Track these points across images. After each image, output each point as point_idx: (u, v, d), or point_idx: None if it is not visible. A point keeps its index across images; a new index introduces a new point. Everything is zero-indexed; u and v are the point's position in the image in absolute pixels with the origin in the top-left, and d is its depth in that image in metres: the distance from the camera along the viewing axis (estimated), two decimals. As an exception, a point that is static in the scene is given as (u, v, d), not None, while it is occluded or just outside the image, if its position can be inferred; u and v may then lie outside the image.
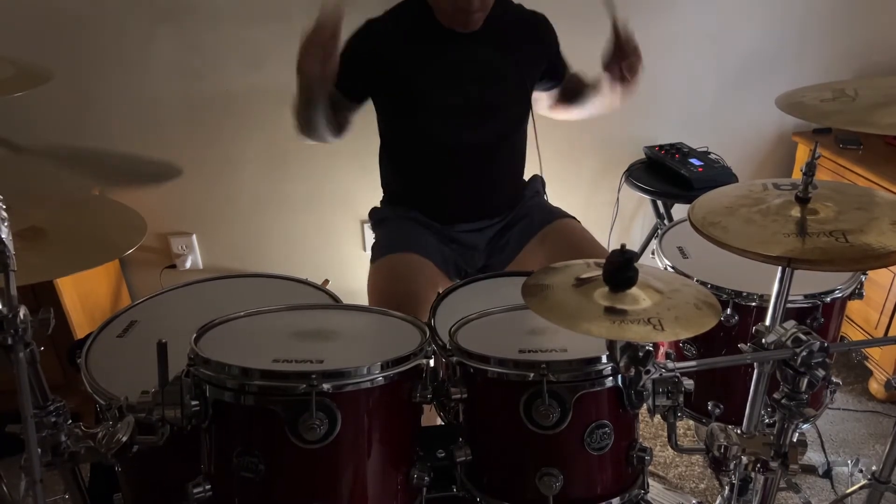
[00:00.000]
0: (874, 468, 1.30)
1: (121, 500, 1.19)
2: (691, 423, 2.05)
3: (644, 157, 2.35)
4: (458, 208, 1.71)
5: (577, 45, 1.74)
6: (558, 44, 1.73)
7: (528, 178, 1.84)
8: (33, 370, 0.92)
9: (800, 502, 1.83)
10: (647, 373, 0.91)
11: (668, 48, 2.28)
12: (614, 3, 1.53)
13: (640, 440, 1.05)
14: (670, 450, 1.89)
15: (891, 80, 1.16)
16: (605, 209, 2.45)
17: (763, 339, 0.97)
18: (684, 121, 2.39)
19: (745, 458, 1.01)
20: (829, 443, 2.06)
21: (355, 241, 2.41)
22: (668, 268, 1.48)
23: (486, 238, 1.73)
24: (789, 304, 1.18)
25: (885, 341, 1.91)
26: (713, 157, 2.22)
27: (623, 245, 0.93)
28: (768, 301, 1.09)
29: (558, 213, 1.73)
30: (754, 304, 1.37)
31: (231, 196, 2.28)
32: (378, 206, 1.82)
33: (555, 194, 1.93)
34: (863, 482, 1.32)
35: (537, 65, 1.69)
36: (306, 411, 0.88)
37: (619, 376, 0.99)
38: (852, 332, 2.23)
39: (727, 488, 1.19)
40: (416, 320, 1.11)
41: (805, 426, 1.62)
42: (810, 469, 1.80)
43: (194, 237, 2.34)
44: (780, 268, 1.05)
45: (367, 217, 1.85)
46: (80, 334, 1.95)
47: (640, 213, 2.53)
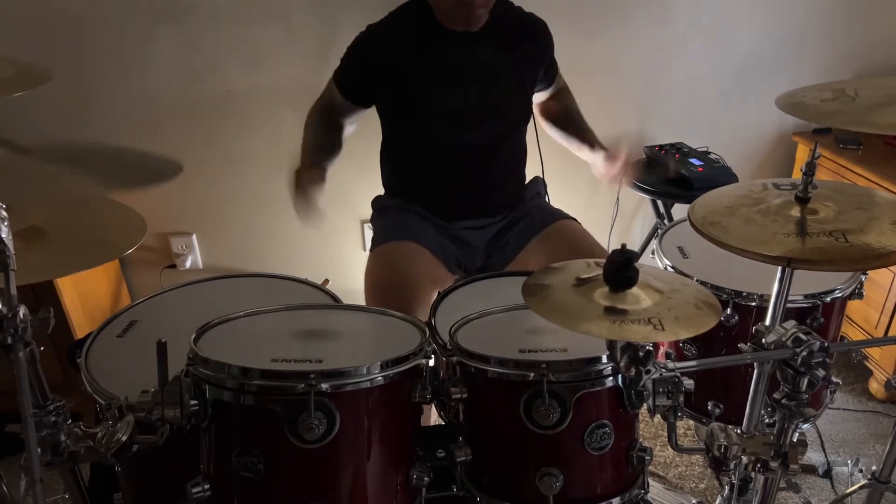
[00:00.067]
0: (874, 468, 1.30)
1: (121, 500, 1.19)
2: (691, 423, 2.05)
3: (644, 157, 2.34)
4: (459, 208, 1.71)
5: (578, 44, 1.74)
6: (553, 48, 1.74)
7: (529, 179, 1.84)
8: (33, 370, 0.92)
9: (800, 502, 1.82)
10: (648, 373, 0.91)
11: (668, 48, 2.28)
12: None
13: (641, 440, 1.05)
14: (670, 450, 1.89)
15: (891, 80, 1.16)
16: (605, 209, 2.45)
17: (763, 339, 0.97)
18: (684, 121, 2.39)
19: (745, 458, 1.01)
20: (829, 443, 2.06)
21: (355, 241, 2.41)
22: (668, 268, 1.48)
23: (486, 237, 1.73)
24: (789, 304, 1.18)
25: (885, 341, 1.90)
26: (713, 157, 2.22)
27: (623, 245, 0.93)
28: (768, 301, 1.09)
29: (559, 215, 1.73)
30: (754, 304, 1.37)
31: (231, 196, 2.28)
32: (381, 195, 1.83)
33: (555, 194, 1.93)
34: (863, 482, 1.32)
35: (536, 66, 1.70)
36: (305, 411, 0.88)
37: (620, 376, 0.99)
38: (852, 332, 2.23)
39: (727, 488, 1.19)
40: (415, 320, 1.11)
41: (805, 426, 1.62)
42: (810, 469, 1.80)
43: (194, 237, 2.34)
44: (780, 268, 1.05)
45: (366, 217, 1.85)
46: (80, 334, 1.95)
47: (640, 213, 2.53)
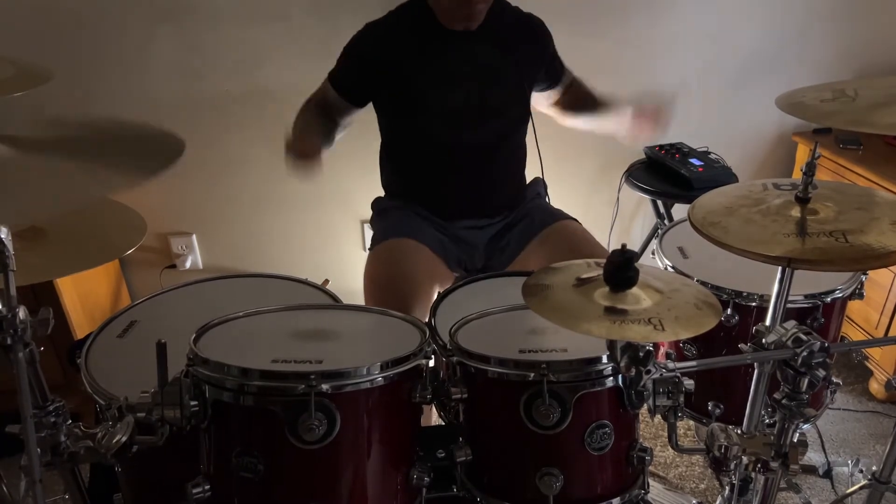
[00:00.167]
0: (874, 468, 1.30)
1: (120, 500, 1.19)
2: (691, 423, 2.05)
3: (644, 157, 2.35)
4: (459, 208, 1.71)
5: (578, 45, 1.74)
6: (553, 45, 1.73)
7: (529, 180, 1.84)
8: (33, 370, 0.92)
9: (800, 502, 1.82)
10: (648, 373, 0.91)
11: (668, 48, 2.28)
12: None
13: (641, 440, 1.05)
14: (670, 450, 1.89)
15: (891, 80, 1.16)
16: (605, 209, 2.45)
17: (763, 339, 0.97)
18: (684, 121, 2.39)
19: (745, 459, 1.01)
20: (829, 443, 2.06)
21: (355, 241, 2.41)
22: (669, 268, 1.48)
23: (486, 236, 1.73)
24: (789, 304, 1.18)
25: (886, 341, 1.91)
26: (713, 157, 2.22)
27: (623, 245, 0.93)
28: (768, 301, 1.09)
29: (559, 215, 1.73)
30: (754, 304, 1.37)
31: (231, 196, 2.28)
32: (381, 196, 1.82)
33: (555, 194, 1.93)
34: (863, 482, 1.32)
35: (535, 66, 1.70)
36: (305, 412, 0.88)
37: (620, 376, 0.98)
38: (852, 332, 2.23)
39: (727, 488, 1.19)
40: (416, 320, 1.11)
41: (805, 426, 1.62)
42: (810, 469, 1.80)
43: (194, 237, 2.34)
44: (780, 268, 1.05)
45: (366, 217, 1.85)
46: (79, 334, 1.95)
47: (640, 213, 2.53)
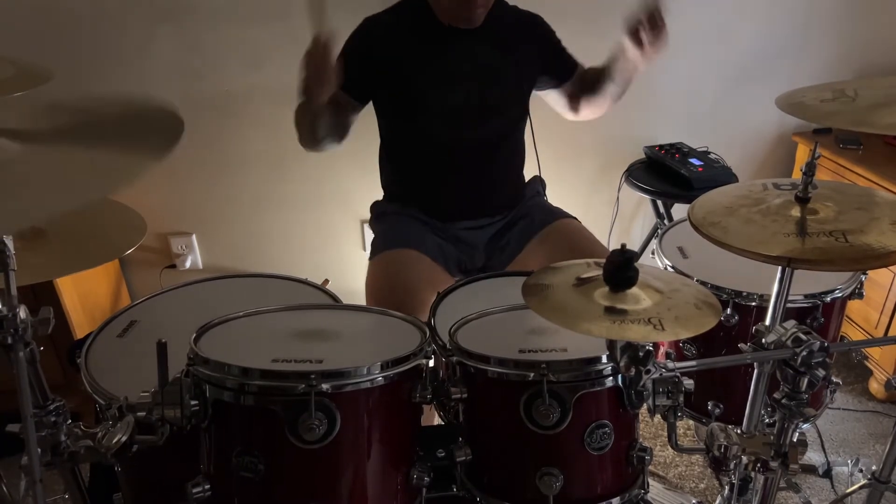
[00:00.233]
0: (874, 468, 1.30)
1: (121, 500, 1.19)
2: (691, 422, 2.05)
3: (644, 156, 2.35)
4: (458, 207, 1.71)
5: (578, 45, 1.74)
6: (557, 41, 1.72)
7: (528, 178, 1.84)
8: (33, 370, 0.92)
9: (800, 502, 1.82)
10: (648, 372, 0.91)
11: (668, 48, 2.27)
12: None
13: (641, 440, 1.05)
14: (670, 449, 1.88)
15: (891, 80, 1.16)
16: (605, 209, 2.45)
17: (763, 339, 0.97)
18: (684, 121, 2.39)
19: (745, 458, 1.01)
20: (829, 443, 2.06)
21: (355, 241, 2.41)
22: (668, 268, 1.48)
23: (486, 236, 1.73)
24: (789, 304, 1.18)
25: (885, 341, 1.90)
26: (713, 156, 2.22)
27: (623, 245, 0.93)
28: (768, 301, 1.09)
29: (559, 214, 1.73)
30: (754, 303, 1.37)
31: (231, 196, 2.28)
32: (380, 200, 1.82)
33: (555, 194, 1.92)
34: (863, 482, 1.32)
35: (535, 65, 1.69)
36: (305, 411, 0.88)
37: (620, 376, 0.98)
38: (852, 332, 2.23)
39: (727, 488, 1.19)
40: (416, 320, 1.11)
41: (805, 426, 1.62)
42: (810, 469, 1.80)
43: (194, 237, 2.34)
44: (780, 268, 1.05)
45: (366, 217, 1.85)
46: (80, 334, 1.95)
47: (640, 213, 2.53)
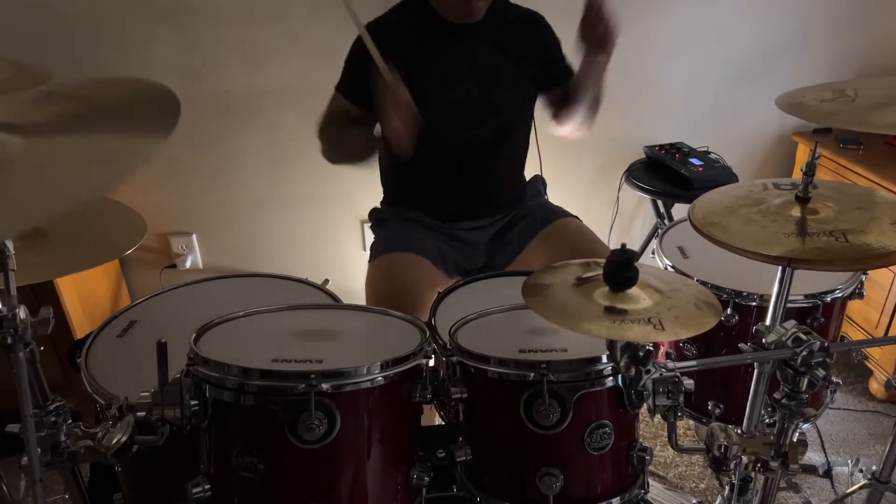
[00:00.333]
0: (874, 468, 1.30)
1: (121, 500, 1.19)
2: (691, 422, 2.05)
3: (644, 156, 2.35)
4: (459, 207, 1.71)
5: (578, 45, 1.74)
6: (557, 42, 1.71)
7: (529, 178, 1.84)
8: (33, 370, 0.92)
9: (800, 502, 1.82)
10: (648, 372, 0.91)
11: (668, 48, 2.28)
12: None
13: (641, 440, 1.05)
14: (670, 450, 1.88)
15: (891, 80, 1.16)
16: (605, 209, 2.45)
17: (763, 339, 0.97)
18: (684, 121, 2.39)
19: (745, 458, 1.01)
20: (829, 443, 2.06)
21: (355, 241, 2.41)
22: (669, 267, 1.48)
23: (487, 236, 1.73)
24: (789, 304, 1.18)
25: (885, 341, 1.91)
26: (713, 156, 2.22)
27: (623, 245, 0.93)
28: (768, 301, 1.09)
29: (560, 213, 1.73)
30: (754, 303, 1.37)
31: (231, 196, 2.28)
32: (378, 206, 1.82)
33: (555, 194, 1.93)
34: (863, 482, 1.32)
35: (536, 64, 1.69)
36: (305, 411, 0.88)
37: (620, 376, 0.98)
38: (852, 332, 2.23)
39: (727, 488, 1.19)
40: (415, 320, 1.11)
41: (805, 426, 1.62)
42: (810, 469, 1.80)
43: (194, 237, 2.34)
44: (780, 268, 1.05)
45: (367, 217, 1.85)
46: (80, 334, 1.95)
47: (640, 213, 2.53)
